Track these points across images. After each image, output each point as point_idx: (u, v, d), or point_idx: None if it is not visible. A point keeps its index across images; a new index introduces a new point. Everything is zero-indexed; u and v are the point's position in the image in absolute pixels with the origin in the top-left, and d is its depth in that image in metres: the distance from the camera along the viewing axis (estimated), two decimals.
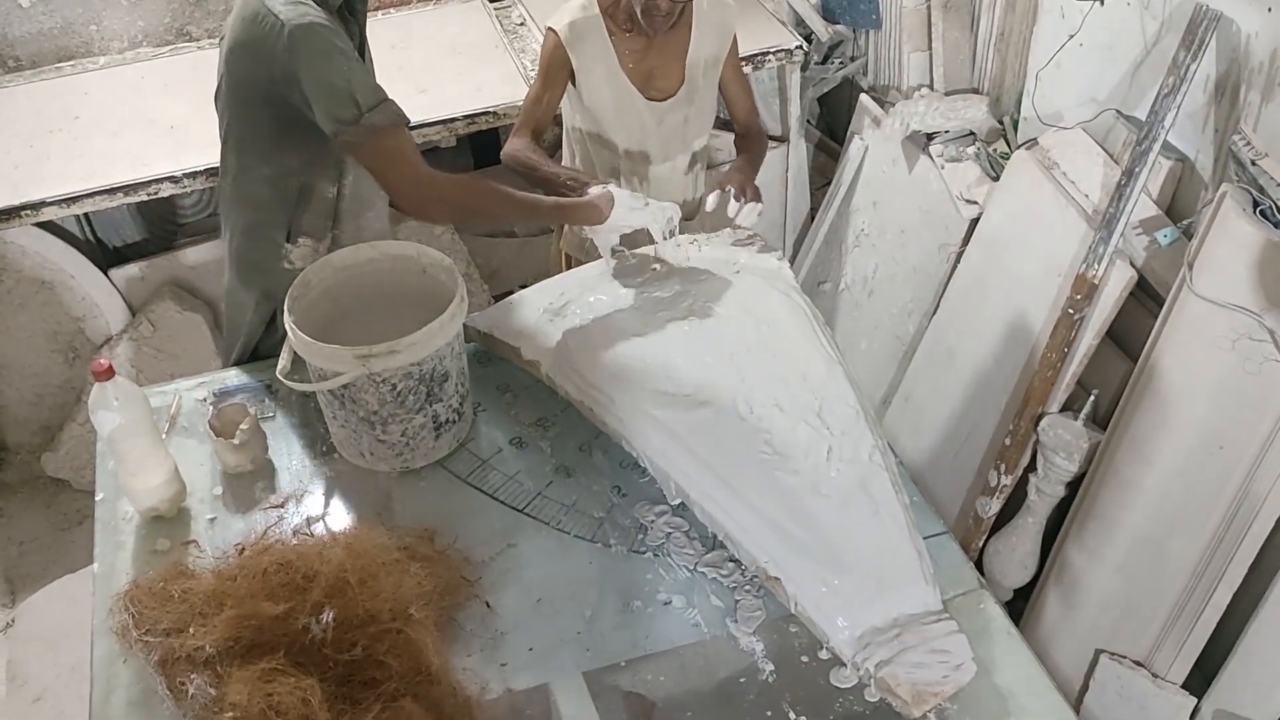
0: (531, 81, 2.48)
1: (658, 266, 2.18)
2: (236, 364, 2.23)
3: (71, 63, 3.28)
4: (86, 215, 3.05)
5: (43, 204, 2.79)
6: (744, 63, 3.16)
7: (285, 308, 1.86)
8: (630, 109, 2.37)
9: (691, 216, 2.54)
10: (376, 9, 3.49)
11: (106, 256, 3.26)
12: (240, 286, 2.21)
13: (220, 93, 2.03)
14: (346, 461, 1.96)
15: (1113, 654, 2.41)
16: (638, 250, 2.22)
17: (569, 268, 2.62)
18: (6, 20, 3.22)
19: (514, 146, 2.34)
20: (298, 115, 1.89)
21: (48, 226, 3.02)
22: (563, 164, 2.56)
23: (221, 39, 1.99)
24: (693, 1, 2.33)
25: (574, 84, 2.37)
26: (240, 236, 2.17)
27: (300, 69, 1.84)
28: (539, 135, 2.38)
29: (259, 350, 2.24)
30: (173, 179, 2.83)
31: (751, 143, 2.55)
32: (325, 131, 1.87)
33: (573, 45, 2.31)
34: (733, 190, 2.31)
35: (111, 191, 2.81)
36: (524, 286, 2.28)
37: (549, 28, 2.33)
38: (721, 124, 3.65)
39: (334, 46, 1.85)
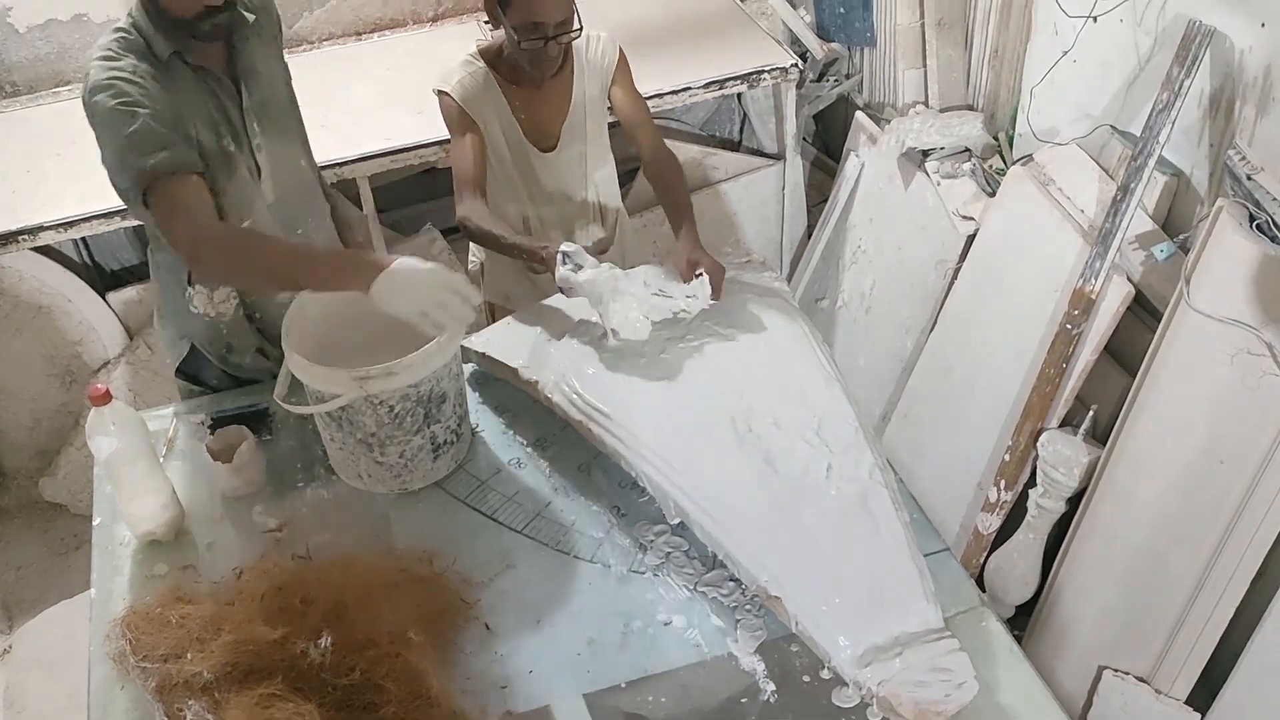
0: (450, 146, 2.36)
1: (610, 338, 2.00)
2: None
3: (68, 87, 3.29)
4: (84, 239, 3.05)
5: (40, 228, 2.80)
6: (739, 81, 3.18)
7: (283, 330, 1.86)
8: (525, 161, 2.35)
9: (605, 250, 2.51)
10: (373, 31, 3.51)
11: (104, 280, 3.26)
12: (161, 321, 2.23)
13: None
14: (344, 484, 1.96)
15: (1116, 670, 2.40)
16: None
17: (493, 317, 2.58)
18: (4, 45, 3.24)
19: (469, 211, 2.21)
20: None
21: (45, 251, 3.02)
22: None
23: None
24: (573, 47, 2.29)
25: None
26: (155, 273, 2.20)
27: (88, 109, 1.85)
28: (482, 191, 2.26)
29: (202, 381, 2.25)
30: None
31: (665, 173, 2.35)
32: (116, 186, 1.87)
33: (469, 103, 2.26)
34: (703, 275, 2.07)
35: (108, 216, 2.81)
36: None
37: (438, 91, 2.26)
38: (722, 142, 3.67)
39: (118, 102, 1.82)
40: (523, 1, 2.11)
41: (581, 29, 2.20)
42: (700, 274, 2.05)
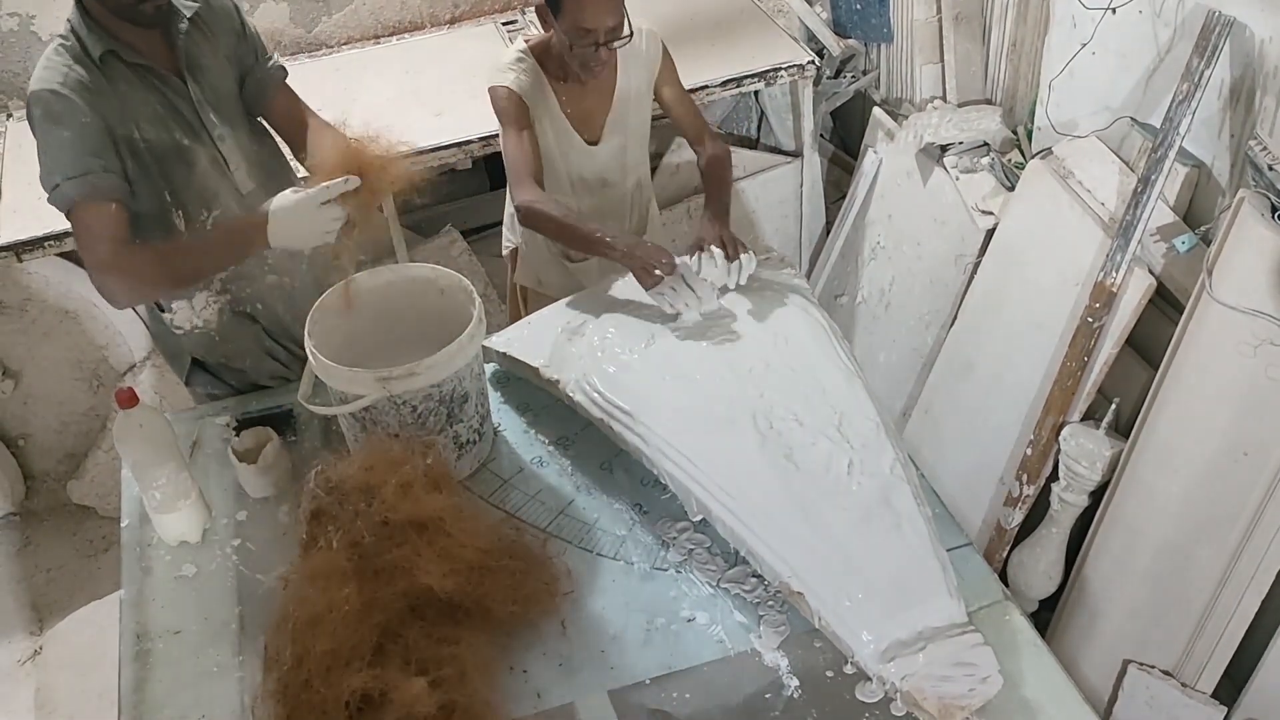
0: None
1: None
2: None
3: None
4: None
5: (66, 234, 2.81)
6: (756, 79, 3.18)
7: (306, 331, 1.88)
8: (571, 152, 2.39)
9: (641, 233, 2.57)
10: (391, 34, 3.53)
11: None
12: (159, 348, 2.27)
13: None
14: None
15: (1141, 664, 2.39)
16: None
17: (524, 300, 2.63)
18: (27, 54, 3.27)
19: (534, 197, 2.21)
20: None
21: (71, 256, 3.04)
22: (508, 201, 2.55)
23: None
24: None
25: None
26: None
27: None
28: (539, 181, 2.30)
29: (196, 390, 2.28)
30: None
31: (715, 166, 2.40)
32: None
33: (526, 94, 2.29)
34: (714, 249, 2.10)
35: None
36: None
37: (493, 86, 2.29)
38: (739, 140, 3.67)
39: (45, 117, 1.85)
40: (574, 8, 2.13)
41: (632, 34, 2.21)
42: (707, 249, 2.10)
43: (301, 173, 2.14)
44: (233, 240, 1.97)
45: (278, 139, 2.20)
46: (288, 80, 2.19)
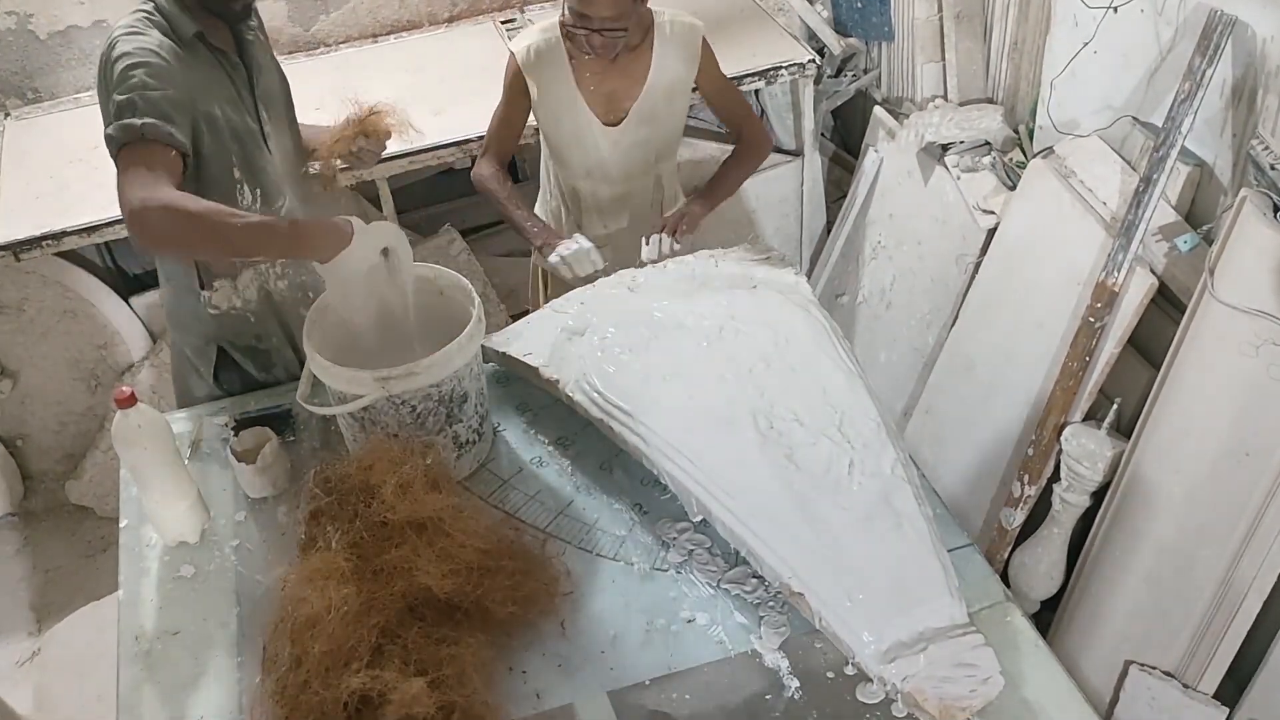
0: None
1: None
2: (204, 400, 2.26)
3: (89, 93, 3.32)
4: (107, 244, 3.08)
5: (64, 234, 2.82)
6: (757, 77, 3.18)
7: (304, 332, 1.87)
8: (587, 132, 2.40)
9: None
10: (389, 33, 3.52)
11: (127, 284, 3.29)
12: (179, 332, 2.25)
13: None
14: None
15: (1142, 665, 2.38)
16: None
17: (544, 284, 2.63)
18: (25, 52, 3.26)
19: (480, 172, 2.41)
20: None
21: (69, 256, 3.04)
22: (541, 185, 2.61)
23: None
24: (655, 27, 2.35)
25: (532, 106, 2.41)
26: (164, 285, 2.22)
27: (104, 79, 1.86)
28: (504, 159, 2.45)
29: (226, 389, 2.27)
30: None
31: (738, 151, 2.54)
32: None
33: (530, 69, 2.34)
34: (655, 236, 2.33)
35: None
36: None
37: (510, 51, 2.37)
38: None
39: (128, 57, 1.83)
40: None
41: (626, 30, 2.24)
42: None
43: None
44: (276, 238, 1.88)
45: (298, 150, 2.28)
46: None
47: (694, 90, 2.48)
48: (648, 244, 2.31)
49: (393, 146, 2.31)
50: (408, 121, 2.24)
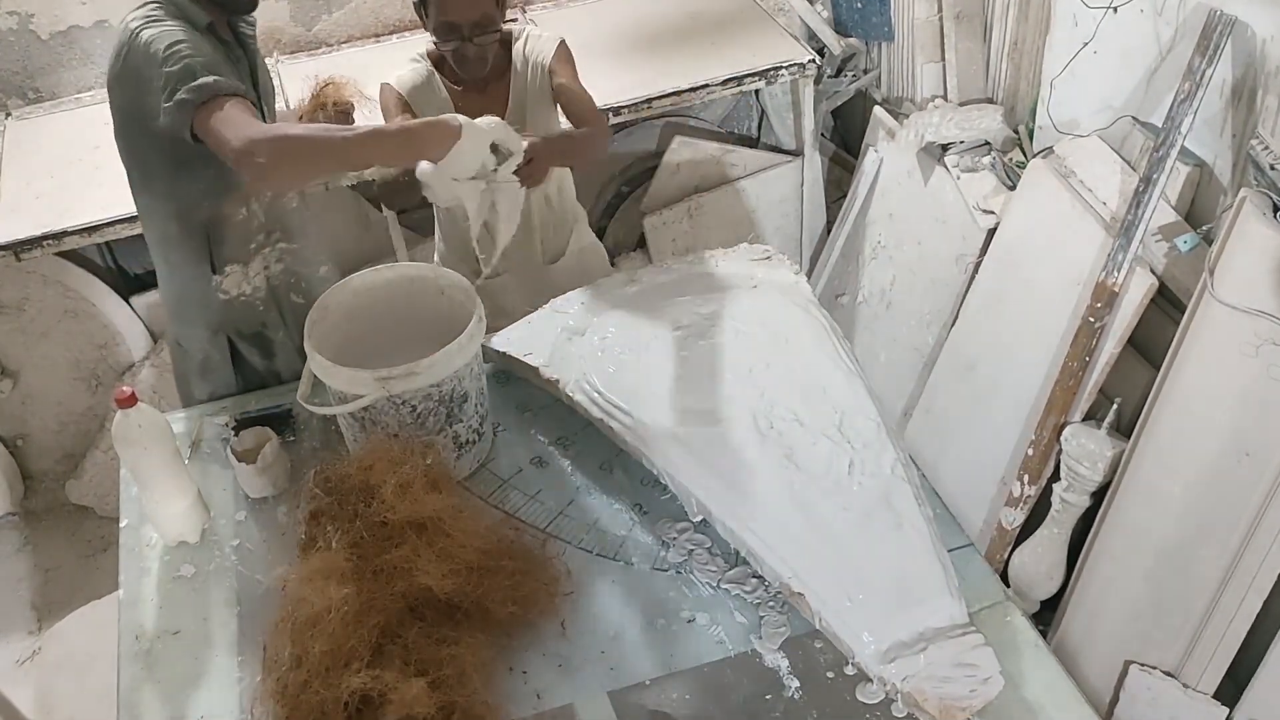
0: None
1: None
2: (210, 399, 2.26)
3: (90, 93, 3.32)
4: (107, 244, 3.08)
5: (64, 234, 2.82)
6: (757, 77, 3.18)
7: (305, 332, 1.87)
8: None
9: (555, 260, 2.57)
10: (391, 33, 3.52)
11: (128, 284, 3.28)
12: (184, 326, 2.24)
13: (116, 137, 2.05)
14: None
15: (1142, 664, 2.38)
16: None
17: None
18: (26, 52, 3.26)
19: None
20: (181, 140, 1.88)
21: (69, 256, 3.04)
22: (436, 221, 2.58)
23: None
24: (512, 44, 2.33)
25: None
26: (169, 277, 2.21)
27: (142, 65, 1.87)
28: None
29: (242, 379, 2.27)
30: None
31: (585, 127, 2.35)
32: (164, 122, 1.85)
33: (411, 98, 2.31)
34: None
35: (131, 220, 2.82)
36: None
37: (383, 84, 2.33)
38: (740, 139, 3.67)
39: (164, 37, 1.86)
40: (437, 3, 2.17)
41: (500, 29, 2.21)
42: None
43: None
44: (386, 142, 1.90)
45: None
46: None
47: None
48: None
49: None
50: (361, 91, 2.33)
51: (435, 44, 2.27)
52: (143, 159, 2.04)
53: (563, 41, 2.37)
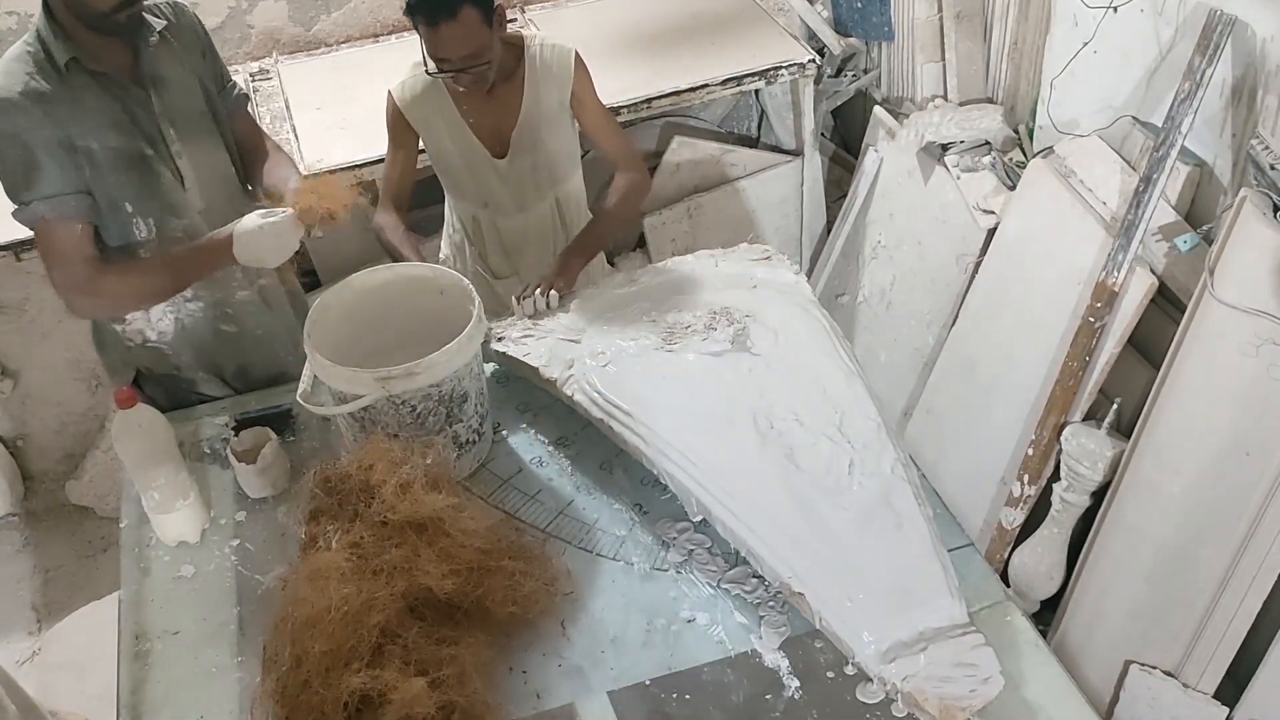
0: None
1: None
2: None
3: None
4: None
5: None
6: (757, 77, 3.18)
7: (305, 331, 1.87)
8: (476, 163, 2.35)
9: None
10: (390, 33, 3.52)
11: None
12: (101, 354, 2.26)
13: None
14: None
15: (1142, 664, 2.38)
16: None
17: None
18: None
19: (379, 223, 2.31)
20: None
21: None
22: (445, 220, 2.58)
23: None
24: (526, 54, 2.29)
25: (421, 142, 2.36)
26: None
27: None
28: (401, 205, 2.34)
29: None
30: None
31: (615, 195, 2.35)
32: None
33: (410, 107, 2.29)
34: (526, 300, 2.14)
35: None
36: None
37: (388, 92, 2.31)
38: (740, 139, 3.67)
39: (3, 126, 1.84)
40: (425, 38, 2.13)
41: (490, 62, 2.14)
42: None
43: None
44: (199, 257, 2.01)
45: (231, 162, 2.18)
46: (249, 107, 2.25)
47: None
48: (519, 303, 2.15)
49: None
50: (354, 196, 2.05)
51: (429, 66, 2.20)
52: None
53: (579, 58, 2.32)
